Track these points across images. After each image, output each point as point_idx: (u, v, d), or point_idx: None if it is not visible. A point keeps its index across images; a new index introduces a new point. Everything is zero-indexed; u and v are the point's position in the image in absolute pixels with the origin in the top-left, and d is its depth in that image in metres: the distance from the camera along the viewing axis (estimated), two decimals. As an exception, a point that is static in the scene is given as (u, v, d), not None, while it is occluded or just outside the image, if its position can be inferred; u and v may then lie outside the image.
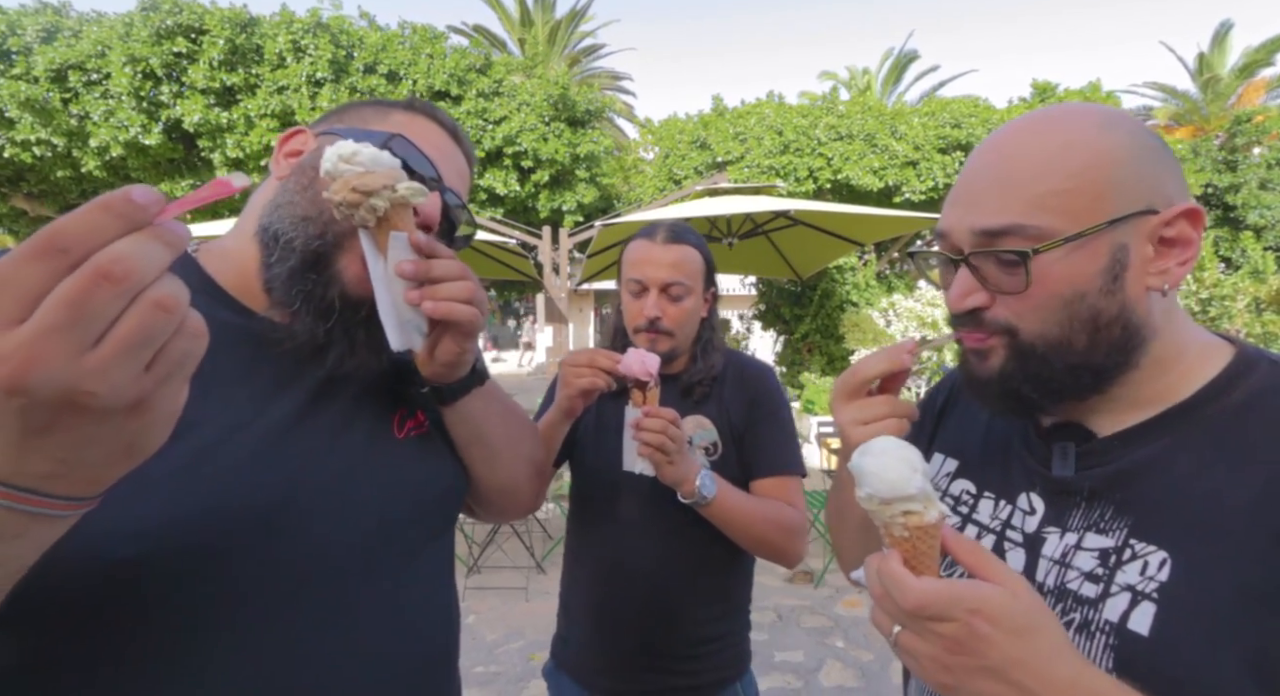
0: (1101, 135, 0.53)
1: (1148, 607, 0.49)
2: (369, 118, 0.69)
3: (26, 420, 0.31)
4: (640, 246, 1.19)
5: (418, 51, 6.95)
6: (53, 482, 0.35)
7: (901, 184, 7.81)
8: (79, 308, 0.29)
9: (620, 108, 16.86)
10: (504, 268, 5.86)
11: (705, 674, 1.18)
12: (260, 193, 0.67)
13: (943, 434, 0.76)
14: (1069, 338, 0.54)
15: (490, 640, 3.37)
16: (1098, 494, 0.56)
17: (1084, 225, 0.52)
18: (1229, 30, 14.73)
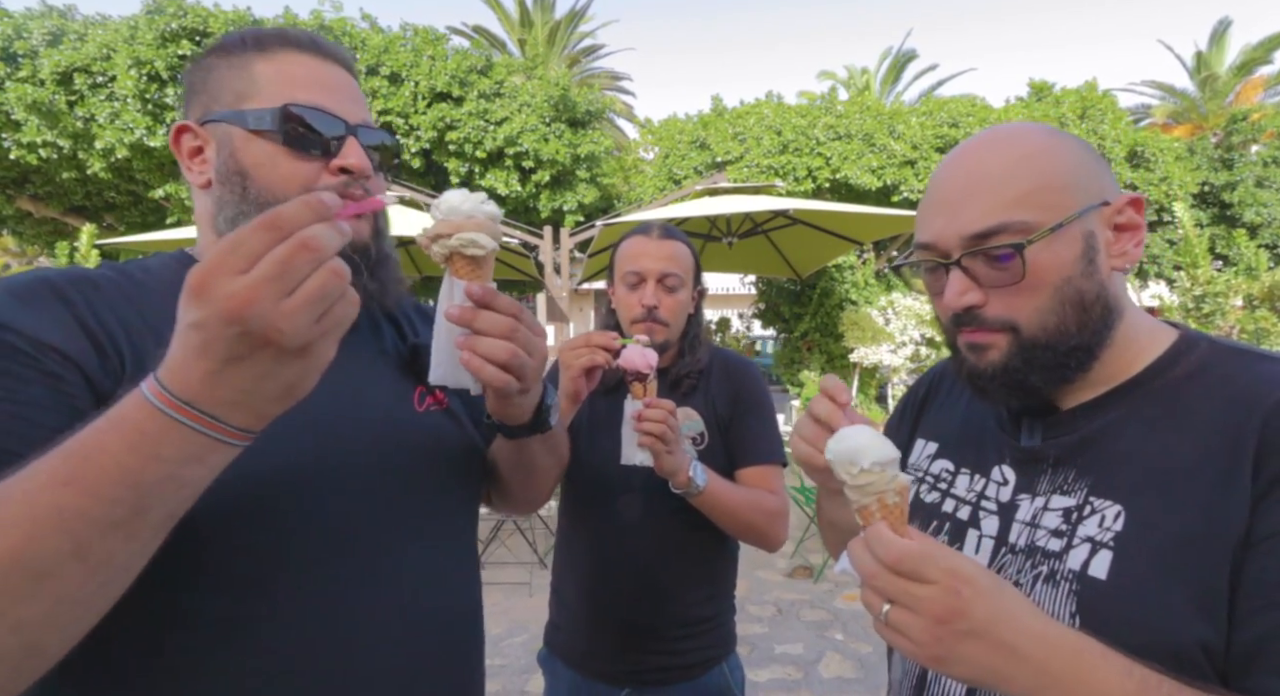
0: (1051, 141, 0.61)
1: (1105, 555, 0.55)
2: (234, 82, 0.65)
3: (231, 348, 0.41)
4: (637, 242, 1.25)
5: (419, 53, 7.00)
6: (231, 410, 0.44)
7: (900, 183, 7.85)
8: (285, 265, 0.41)
9: (620, 108, 16.89)
10: (506, 267, 5.90)
11: (693, 654, 1.23)
12: (200, 203, 0.68)
13: (924, 421, 0.82)
14: (1064, 322, 0.59)
15: (495, 634, 3.42)
16: (1062, 460, 0.62)
17: (1060, 216, 0.58)
18: (1227, 28, 14.74)
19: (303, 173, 0.65)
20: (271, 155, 0.64)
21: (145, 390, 0.43)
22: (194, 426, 0.43)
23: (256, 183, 0.64)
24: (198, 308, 0.41)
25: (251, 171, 0.64)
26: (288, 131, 0.63)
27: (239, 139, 0.64)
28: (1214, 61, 14.79)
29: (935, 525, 0.71)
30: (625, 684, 1.23)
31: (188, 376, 0.42)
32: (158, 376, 0.43)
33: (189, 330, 0.42)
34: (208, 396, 0.43)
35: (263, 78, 0.65)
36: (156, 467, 0.43)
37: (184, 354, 0.42)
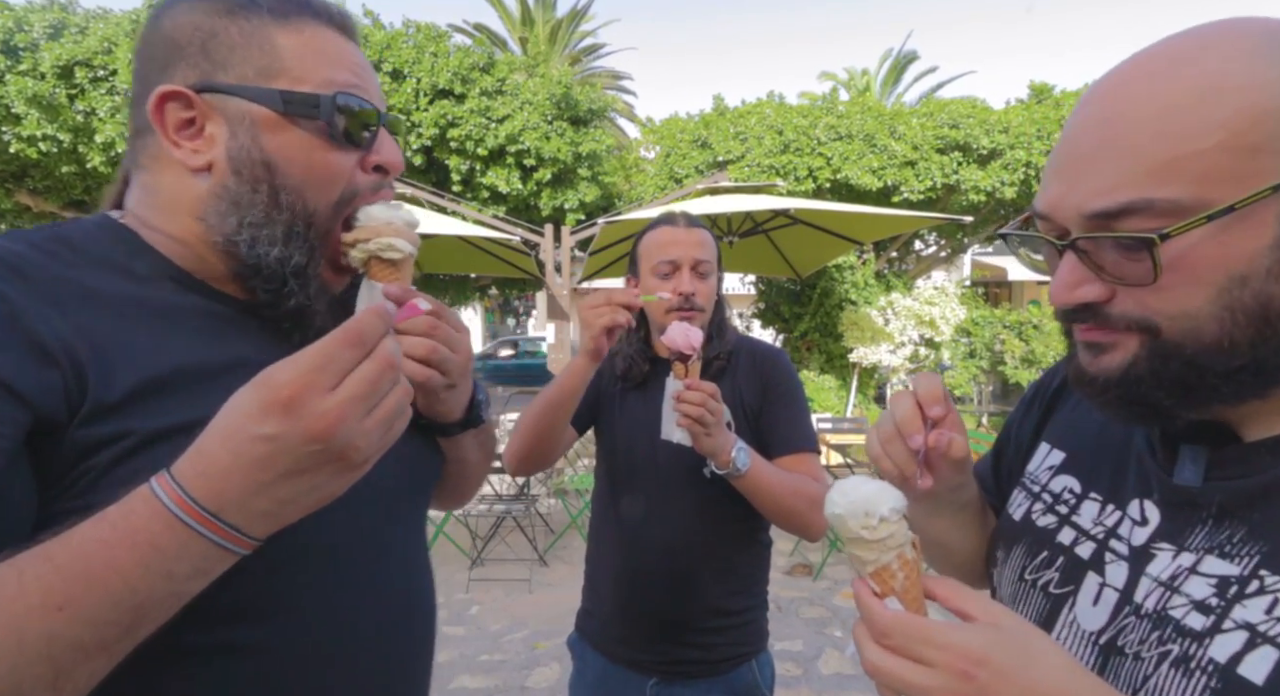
0: (1252, 67, 0.40)
1: (1269, 652, 0.40)
2: (250, 53, 0.55)
3: (300, 463, 0.41)
4: (666, 231, 1.27)
5: (422, 50, 6.99)
6: (259, 521, 0.42)
7: (900, 183, 7.87)
8: (374, 384, 0.42)
9: (621, 107, 16.89)
10: (507, 265, 5.90)
11: (722, 648, 1.24)
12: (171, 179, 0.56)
13: (1054, 421, 0.66)
14: (1229, 335, 0.42)
15: (494, 630, 3.42)
16: (1229, 511, 0.46)
17: (1236, 194, 0.40)
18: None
19: (340, 168, 0.58)
20: (308, 148, 0.56)
21: (164, 497, 0.40)
22: (215, 540, 0.41)
23: (288, 181, 0.56)
24: (281, 422, 0.40)
25: (283, 167, 0.56)
26: (333, 120, 0.57)
27: (267, 123, 0.55)
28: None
29: (1045, 557, 0.57)
30: (653, 673, 1.23)
31: (225, 486, 0.40)
32: (179, 482, 0.40)
33: (258, 442, 0.40)
34: (240, 508, 0.41)
35: (290, 52, 0.56)
36: (164, 586, 0.40)
37: (234, 462, 0.40)
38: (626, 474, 1.27)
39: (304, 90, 0.56)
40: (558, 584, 3.97)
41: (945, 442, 0.55)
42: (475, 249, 5.68)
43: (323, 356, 0.41)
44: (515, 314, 23.95)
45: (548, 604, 3.69)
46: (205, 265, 0.58)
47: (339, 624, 0.58)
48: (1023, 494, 0.64)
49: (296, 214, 0.57)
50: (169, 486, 0.40)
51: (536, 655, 3.19)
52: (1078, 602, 0.53)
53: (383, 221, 0.60)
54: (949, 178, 7.87)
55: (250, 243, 0.56)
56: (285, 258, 0.57)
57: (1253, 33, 0.41)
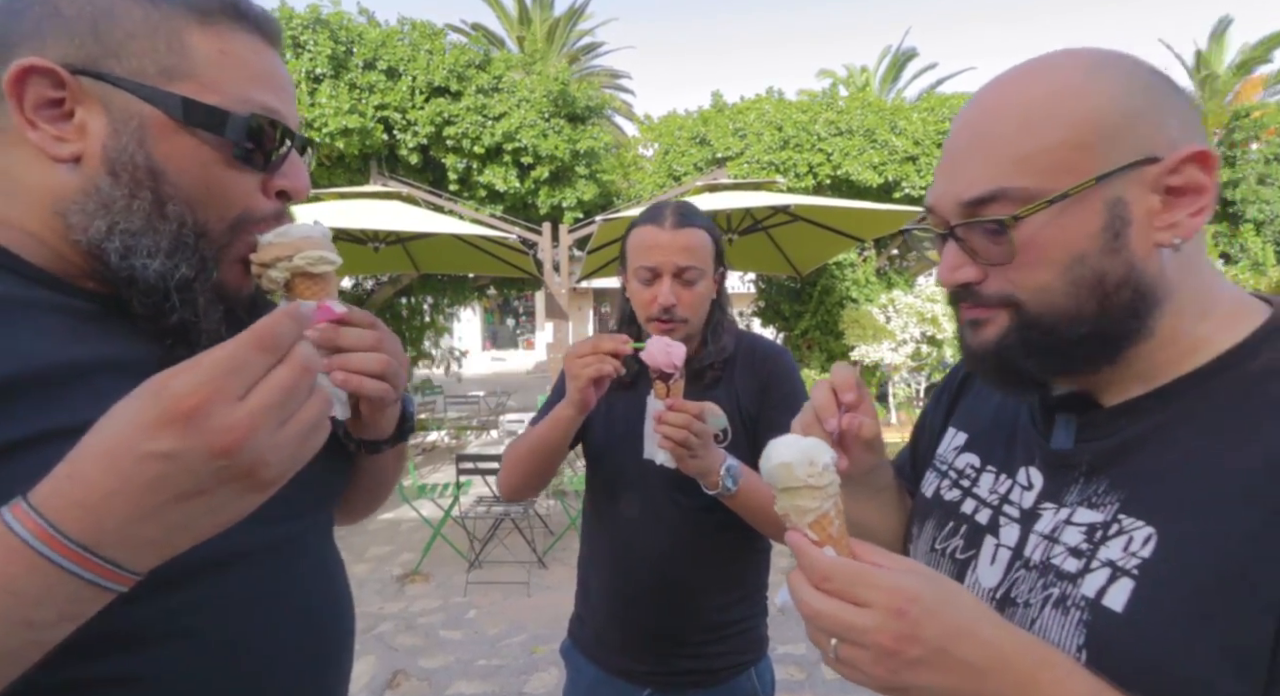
0: (1088, 80, 0.49)
1: (1126, 583, 0.46)
2: (153, 45, 0.49)
3: (198, 483, 0.36)
4: (649, 232, 1.14)
5: (417, 47, 6.93)
6: (140, 553, 0.36)
7: (901, 179, 7.81)
8: (288, 391, 0.37)
9: (620, 106, 16.84)
10: (504, 265, 5.85)
11: (719, 658, 1.18)
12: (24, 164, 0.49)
13: (960, 407, 0.74)
14: (1076, 305, 0.50)
15: (492, 634, 3.37)
16: (1096, 468, 0.53)
17: (1068, 184, 0.48)
18: (1227, 27, 14.74)
19: (239, 189, 0.53)
20: (204, 162, 0.51)
21: (21, 530, 0.34)
22: (85, 576, 0.35)
23: (177, 191, 0.50)
24: (178, 437, 0.34)
25: (173, 177, 0.50)
26: (242, 142, 0.52)
27: (159, 127, 0.49)
28: (1213, 60, 14.78)
29: (951, 527, 0.64)
30: (647, 684, 1.18)
31: (104, 514, 0.34)
32: (41, 512, 0.34)
33: (148, 461, 0.34)
34: (120, 540, 0.35)
35: (203, 56, 0.51)
36: (21, 634, 0.35)
37: (119, 486, 0.34)
38: (614, 479, 1.21)
39: (212, 102, 0.50)
40: (557, 586, 3.91)
41: (857, 425, 0.62)
42: (473, 248, 5.62)
43: (230, 361, 0.36)
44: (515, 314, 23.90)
45: (547, 607, 3.64)
46: (60, 261, 0.51)
47: (242, 644, 0.53)
48: (933, 474, 0.71)
49: (185, 226, 0.51)
50: (28, 518, 0.34)
51: (535, 660, 3.14)
52: (979, 564, 0.59)
53: (300, 236, 0.55)
54: (950, 173, 7.81)
55: (123, 252, 0.50)
56: (168, 271, 0.51)
57: (1088, 56, 0.51)
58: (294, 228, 0.56)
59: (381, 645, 3.27)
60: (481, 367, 18.54)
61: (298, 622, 0.58)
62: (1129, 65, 0.50)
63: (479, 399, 8.25)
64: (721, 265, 1.22)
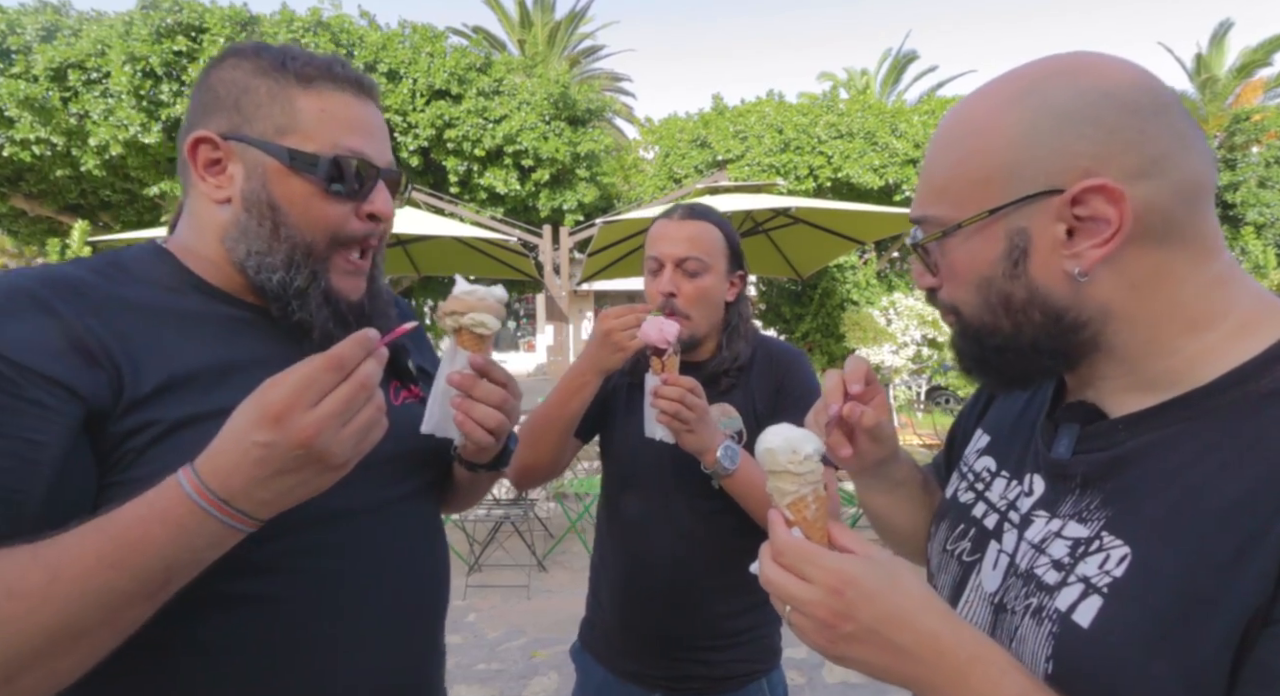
0: (1001, 114, 0.50)
1: (1095, 600, 0.47)
2: (273, 111, 0.66)
3: (287, 464, 0.51)
4: (658, 225, 1.17)
5: (418, 50, 6.95)
6: (260, 507, 0.52)
7: (902, 182, 7.82)
8: (348, 402, 0.52)
9: (620, 108, 16.88)
10: (505, 267, 5.85)
11: (729, 666, 1.16)
12: (205, 210, 0.68)
13: (991, 410, 0.75)
14: (995, 320, 0.54)
15: (492, 637, 3.36)
16: (1090, 481, 0.52)
17: (969, 213, 0.51)
18: (1227, 31, 14.76)
19: (335, 216, 0.68)
20: (307, 196, 0.66)
21: (188, 488, 0.50)
22: (225, 521, 0.51)
23: (288, 219, 0.66)
24: (271, 432, 0.50)
25: (284, 207, 0.66)
26: (331, 178, 0.66)
27: (275, 172, 0.66)
28: (1214, 64, 14.80)
29: (961, 529, 0.65)
30: (656, 688, 1.17)
31: (233, 479, 0.51)
32: (200, 476, 0.51)
33: (254, 446, 0.50)
34: (245, 497, 0.51)
35: (307, 115, 0.66)
36: (189, 555, 0.51)
37: (239, 461, 0.51)
38: (629, 478, 1.20)
39: (309, 149, 0.66)
40: (557, 590, 3.90)
41: (857, 413, 0.65)
42: (473, 250, 5.63)
43: (306, 379, 0.51)
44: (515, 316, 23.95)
45: (547, 611, 3.62)
46: (230, 279, 0.69)
47: (345, 579, 0.68)
48: (956, 475, 0.73)
49: (296, 245, 0.67)
50: (190, 477, 0.51)
51: (535, 664, 3.12)
52: (982, 568, 0.60)
53: (476, 298, 0.71)
54: (951, 176, 7.82)
55: (256, 268, 0.66)
56: (287, 281, 0.67)
57: (1022, 79, 0.52)
58: (480, 290, 0.71)
59: (380, 649, 3.25)
60: (482, 370, 18.48)
61: (393, 569, 0.72)
62: (1061, 87, 0.49)
63: (479, 401, 8.24)
64: (740, 269, 1.21)
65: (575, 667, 1.30)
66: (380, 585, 0.70)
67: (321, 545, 0.66)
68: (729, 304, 1.20)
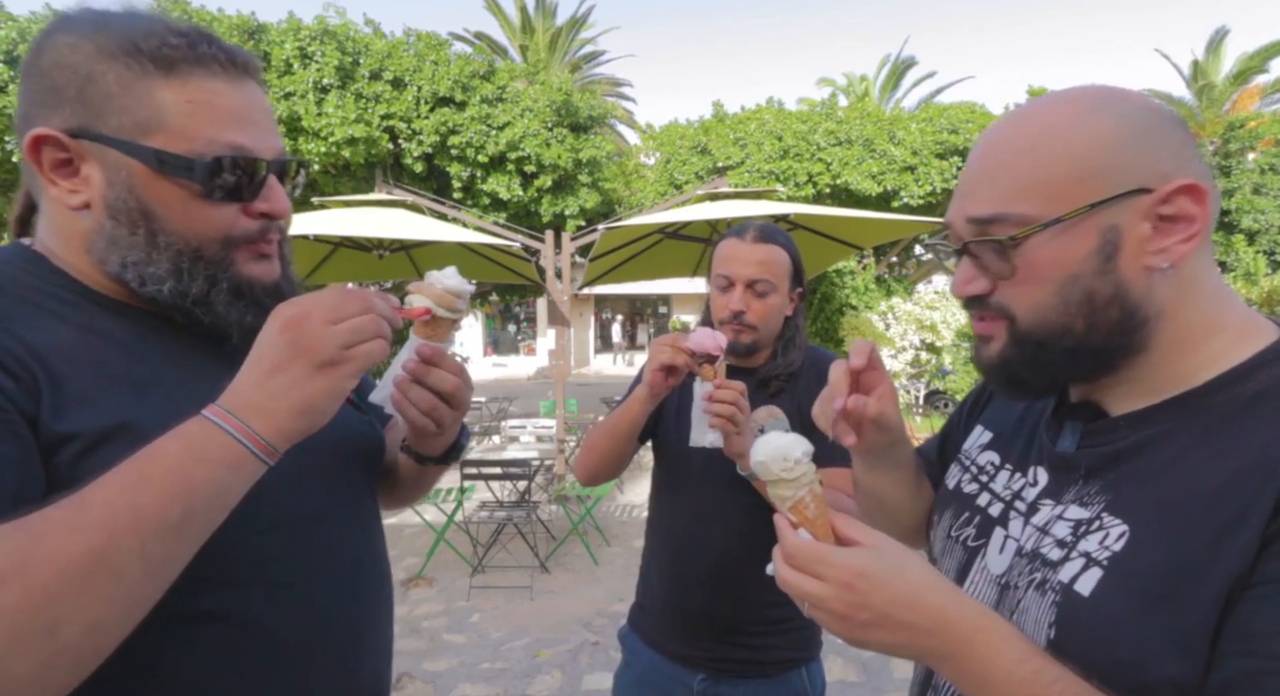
0: (1085, 119, 0.54)
1: (1095, 572, 0.52)
2: (130, 105, 0.55)
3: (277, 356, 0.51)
4: (730, 244, 1.26)
5: (422, 58, 7.03)
6: (260, 416, 0.51)
7: (900, 189, 7.89)
8: (342, 303, 0.54)
9: (621, 114, 16.97)
10: (507, 272, 5.91)
11: (772, 651, 1.24)
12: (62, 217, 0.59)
13: (990, 407, 0.79)
14: (1067, 321, 0.55)
15: (495, 638, 3.40)
16: (1093, 471, 0.57)
17: (1064, 209, 0.53)
18: (1224, 37, 14.85)
19: (221, 219, 0.60)
20: (184, 200, 0.58)
21: (207, 413, 0.51)
22: (228, 430, 0.50)
23: (166, 226, 0.58)
24: (269, 325, 0.53)
25: (160, 214, 0.58)
26: (211, 181, 0.58)
27: (142, 176, 0.57)
28: (1211, 70, 14.89)
29: (966, 517, 0.69)
30: (701, 668, 1.25)
31: (239, 387, 0.52)
32: (220, 402, 0.52)
33: (257, 345, 0.52)
34: (245, 404, 0.51)
35: (172, 109, 0.56)
36: (203, 471, 0.49)
37: (246, 370, 0.52)
38: (681, 473, 1.28)
39: (180, 152, 0.57)
40: (559, 591, 3.94)
41: (861, 405, 0.68)
42: (476, 255, 5.68)
43: (336, 299, 0.54)
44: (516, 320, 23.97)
45: (549, 611, 3.67)
46: (113, 288, 0.61)
47: (301, 592, 0.64)
48: (957, 467, 0.77)
49: (181, 252, 0.59)
50: (213, 407, 0.52)
51: (538, 663, 3.17)
52: (988, 552, 0.64)
53: (425, 284, 0.69)
54: (948, 182, 7.89)
55: (139, 280, 0.59)
56: (182, 291, 0.60)
57: (1083, 96, 0.56)
58: (433, 275, 0.69)
59: (386, 648, 3.30)
60: (483, 373, 18.58)
61: (349, 572, 0.70)
62: (1129, 104, 0.54)
63: (481, 404, 8.29)
64: (800, 286, 1.31)
65: (623, 649, 1.38)
66: (340, 589, 0.67)
67: (275, 553, 0.62)
68: (787, 317, 1.30)
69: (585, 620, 3.50)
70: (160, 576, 0.48)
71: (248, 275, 0.63)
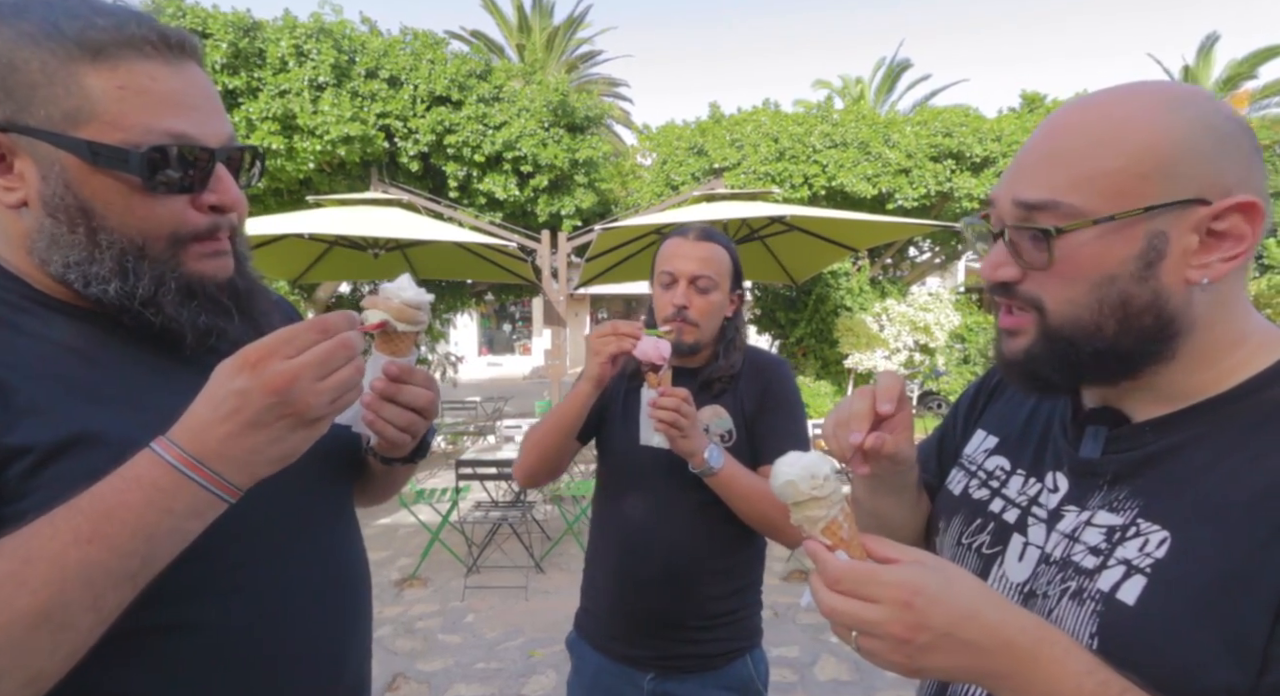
0: (1162, 116, 0.51)
1: (1139, 580, 0.50)
2: (57, 94, 0.51)
3: (260, 415, 0.49)
4: (673, 243, 1.30)
5: (419, 57, 7.01)
6: (234, 468, 0.49)
7: (894, 191, 7.93)
8: (328, 356, 0.51)
9: (618, 114, 16.97)
10: (504, 271, 5.91)
11: (717, 644, 1.27)
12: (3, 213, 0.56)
13: (989, 411, 0.78)
14: (1098, 322, 0.53)
15: (490, 637, 3.41)
16: (1120, 477, 0.56)
17: (1119, 208, 0.50)
18: (1214, 43, 15.01)
19: (167, 214, 0.56)
20: (125, 195, 0.54)
21: (159, 450, 0.48)
22: (200, 482, 0.48)
23: (107, 222, 0.54)
24: (247, 378, 0.48)
25: (99, 210, 0.54)
26: (151, 172, 0.54)
27: (76, 170, 0.53)
28: (1201, 75, 15.04)
29: (979, 523, 0.68)
30: (650, 668, 1.27)
31: (206, 436, 0.48)
32: (171, 438, 0.49)
33: (230, 396, 0.48)
34: (218, 455, 0.48)
35: (102, 96, 0.52)
36: (168, 522, 0.47)
37: (212, 416, 0.48)
38: (629, 472, 1.30)
39: (113, 142, 0.52)
40: (554, 591, 3.95)
41: (880, 443, 0.64)
42: (472, 255, 5.68)
43: (289, 333, 0.50)
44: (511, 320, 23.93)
45: (544, 611, 3.68)
46: (61, 290, 0.58)
47: (276, 596, 0.63)
48: (961, 473, 0.75)
49: (125, 251, 0.55)
50: (165, 443, 0.49)
51: (533, 663, 3.18)
52: (1006, 560, 0.63)
53: (382, 298, 0.67)
54: (943, 185, 7.93)
55: (83, 281, 0.55)
56: (129, 291, 0.56)
57: (1161, 91, 0.53)
58: (389, 288, 0.67)
59: (380, 648, 3.30)
60: (478, 373, 18.54)
61: (322, 577, 0.68)
62: (1207, 107, 0.51)
63: (475, 404, 8.28)
64: (739, 288, 1.35)
65: (571, 656, 1.39)
66: (314, 595, 0.66)
67: (246, 559, 0.61)
68: (727, 318, 1.33)
69: (580, 620, 3.51)
70: (110, 619, 0.47)
71: (198, 273, 0.59)
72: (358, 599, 0.74)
